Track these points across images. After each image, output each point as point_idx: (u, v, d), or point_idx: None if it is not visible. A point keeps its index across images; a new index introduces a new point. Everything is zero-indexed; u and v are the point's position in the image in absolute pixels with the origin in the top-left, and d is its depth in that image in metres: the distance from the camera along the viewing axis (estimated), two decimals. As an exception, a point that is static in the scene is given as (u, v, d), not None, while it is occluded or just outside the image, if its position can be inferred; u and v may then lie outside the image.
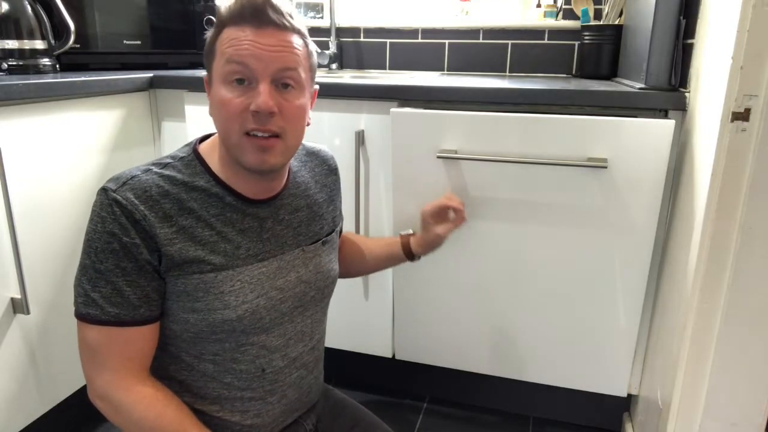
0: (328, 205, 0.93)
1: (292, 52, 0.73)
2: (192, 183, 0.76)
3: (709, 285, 0.94)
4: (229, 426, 0.82)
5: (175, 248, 0.73)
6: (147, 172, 0.75)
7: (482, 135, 1.19)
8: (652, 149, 1.10)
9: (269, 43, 0.71)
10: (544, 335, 1.30)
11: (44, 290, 1.21)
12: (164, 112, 1.48)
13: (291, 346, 0.85)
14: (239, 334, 0.79)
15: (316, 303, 0.89)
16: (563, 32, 1.73)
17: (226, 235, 0.77)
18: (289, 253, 0.84)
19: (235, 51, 0.71)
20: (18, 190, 1.12)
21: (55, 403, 1.27)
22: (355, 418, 0.97)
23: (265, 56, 0.71)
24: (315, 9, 2.07)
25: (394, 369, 1.56)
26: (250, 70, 0.71)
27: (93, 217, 0.73)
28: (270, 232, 0.81)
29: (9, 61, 1.33)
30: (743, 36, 0.83)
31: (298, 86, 0.75)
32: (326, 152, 0.97)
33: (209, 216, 0.76)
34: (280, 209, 0.83)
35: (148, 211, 0.72)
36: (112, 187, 0.72)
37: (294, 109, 0.75)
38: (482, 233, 1.26)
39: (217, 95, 0.74)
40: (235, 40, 0.71)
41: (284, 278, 0.82)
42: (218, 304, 0.76)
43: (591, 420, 1.46)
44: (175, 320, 0.77)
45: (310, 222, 0.88)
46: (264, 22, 0.71)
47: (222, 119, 0.74)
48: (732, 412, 0.98)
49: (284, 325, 0.83)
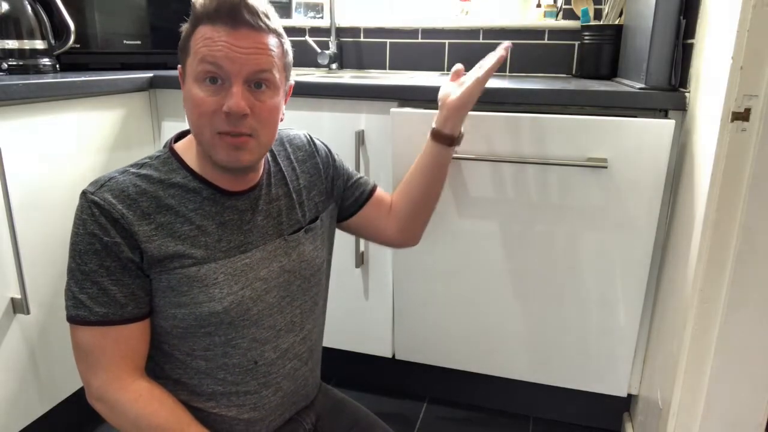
0: (310, 191, 0.92)
1: (267, 54, 0.73)
2: (169, 180, 0.77)
3: (709, 285, 0.94)
4: (227, 421, 0.83)
5: (154, 245, 0.74)
6: (124, 173, 0.76)
7: (482, 135, 1.19)
8: (652, 149, 1.10)
9: (243, 45, 0.71)
10: (544, 335, 1.30)
11: (44, 290, 1.21)
12: (164, 112, 1.48)
13: (282, 337, 0.85)
14: (227, 326, 0.79)
15: (304, 292, 0.89)
16: (563, 32, 1.73)
17: (206, 229, 0.78)
18: (270, 243, 0.84)
19: (209, 51, 0.71)
20: (18, 190, 1.12)
21: (55, 403, 1.27)
22: (354, 417, 0.97)
23: (239, 58, 0.71)
24: (315, 9, 2.07)
25: (394, 369, 1.56)
26: (223, 71, 0.71)
27: (75, 221, 0.74)
28: (251, 224, 0.82)
29: (9, 61, 1.33)
30: (743, 36, 0.83)
31: (271, 86, 0.75)
32: (301, 138, 0.95)
33: (188, 211, 0.77)
34: (258, 200, 0.83)
35: (126, 209, 0.73)
36: (90, 189, 0.74)
37: (267, 110, 0.75)
38: (482, 233, 1.26)
39: (190, 92, 0.74)
40: (209, 40, 0.71)
41: (267, 268, 0.83)
42: (203, 297, 0.76)
43: (591, 420, 1.46)
44: (164, 317, 0.78)
45: (290, 210, 0.87)
46: (239, 22, 0.71)
47: (194, 117, 0.74)
48: (732, 412, 0.98)
49: (273, 316, 0.84)
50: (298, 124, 1.32)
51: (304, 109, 1.36)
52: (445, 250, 1.30)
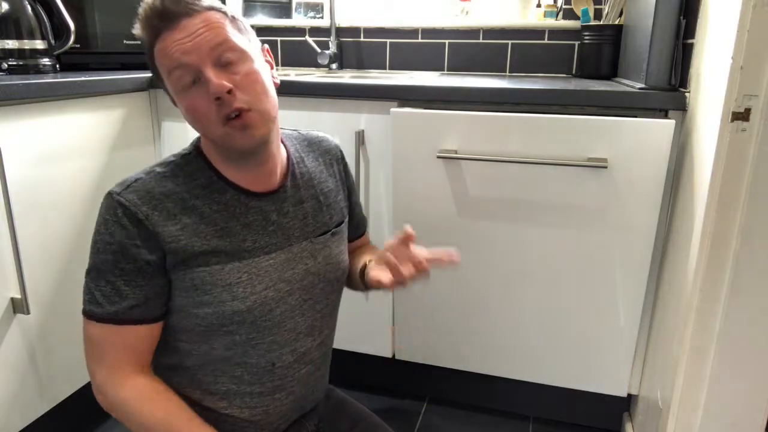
0: (337, 194, 0.93)
1: (212, 28, 0.73)
2: (194, 181, 0.78)
3: (709, 285, 0.94)
4: (237, 423, 0.83)
5: (180, 245, 0.75)
6: (150, 174, 0.77)
7: (482, 135, 1.19)
8: (652, 149, 1.10)
9: (187, 33, 0.71)
10: (543, 335, 1.30)
11: (44, 290, 1.21)
12: (164, 112, 1.48)
13: (300, 340, 0.86)
14: (249, 326, 0.79)
15: (327, 295, 0.89)
16: (563, 32, 1.73)
17: (231, 229, 0.78)
18: (296, 245, 0.84)
19: (168, 61, 0.72)
20: (18, 190, 1.12)
21: (55, 403, 1.27)
22: (355, 418, 0.98)
23: (192, 47, 0.71)
24: (315, 9, 2.07)
25: (394, 369, 1.56)
26: (189, 66, 0.71)
27: (98, 220, 0.75)
28: (275, 225, 0.82)
29: (9, 61, 1.33)
30: (743, 36, 0.83)
31: (239, 53, 0.74)
32: (329, 141, 0.97)
33: (212, 212, 0.77)
34: (284, 202, 0.84)
35: (152, 210, 0.74)
36: (116, 190, 0.75)
37: (245, 77, 0.73)
38: (482, 233, 1.26)
39: (182, 106, 0.75)
40: (163, 50, 0.72)
41: (292, 270, 0.83)
42: (226, 296, 0.77)
43: (591, 420, 1.46)
44: (185, 315, 0.78)
45: (317, 213, 0.88)
46: (171, 19, 0.72)
47: (196, 123, 0.75)
48: (732, 412, 0.98)
49: (295, 318, 0.84)
50: (299, 124, 1.32)
51: (304, 109, 1.36)
52: (445, 250, 1.30)
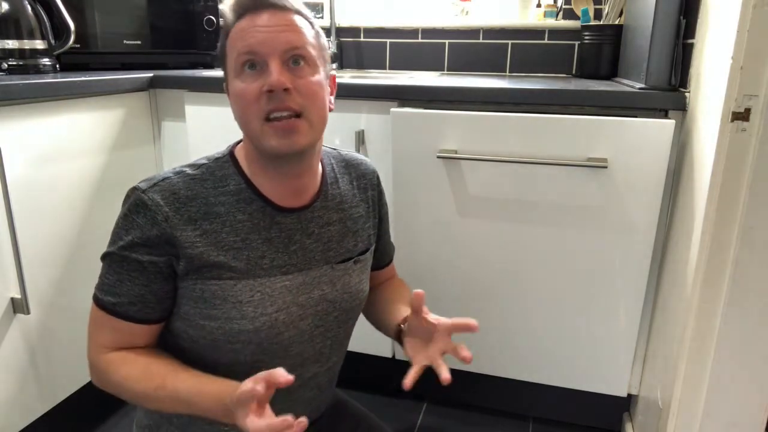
0: (366, 221, 0.89)
1: (296, 31, 0.72)
2: (223, 187, 0.76)
3: (709, 285, 0.94)
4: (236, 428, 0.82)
5: (197, 251, 0.73)
6: (179, 175, 0.76)
7: (482, 135, 1.19)
8: (652, 149, 1.10)
9: (270, 23, 0.71)
10: (544, 335, 1.30)
11: (44, 290, 1.21)
12: (164, 112, 1.48)
13: (306, 366, 0.83)
14: (255, 347, 0.77)
15: (339, 324, 0.86)
16: (563, 32, 1.73)
17: (251, 243, 0.76)
18: (316, 269, 0.81)
19: (242, 43, 0.71)
20: (18, 190, 1.12)
21: (55, 403, 1.27)
22: (356, 419, 0.97)
23: (269, 38, 0.70)
24: (315, 9, 2.07)
25: (394, 369, 1.55)
26: (258, 55, 0.71)
27: (121, 211, 0.75)
28: (297, 245, 0.79)
29: (9, 61, 1.33)
30: (743, 36, 0.83)
31: (310, 63, 0.73)
32: (368, 165, 0.94)
33: (236, 221, 0.76)
34: (310, 222, 0.81)
35: (173, 213, 0.72)
36: (142, 187, 0.74)
37: (309, 85, 0.72)
38: (482, 233, 1.26)
39: (233, 91, 0.73)
40: (241, 32, 0.72)
41: (307, 295, 0.80)
42: (235, 314, 0.75)
43: (591, 420, 1.46)
44: (192, 325, 0.77)
45: (342, 238, 0.84)
46: (261, 6, 0.72)
47: (240, 110, 0.73)
48: (732, 412, 0.98)
49: (303, 344, 0.81)
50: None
51: (304, 109, 1.36)
52: (445, 250, 1.30)
